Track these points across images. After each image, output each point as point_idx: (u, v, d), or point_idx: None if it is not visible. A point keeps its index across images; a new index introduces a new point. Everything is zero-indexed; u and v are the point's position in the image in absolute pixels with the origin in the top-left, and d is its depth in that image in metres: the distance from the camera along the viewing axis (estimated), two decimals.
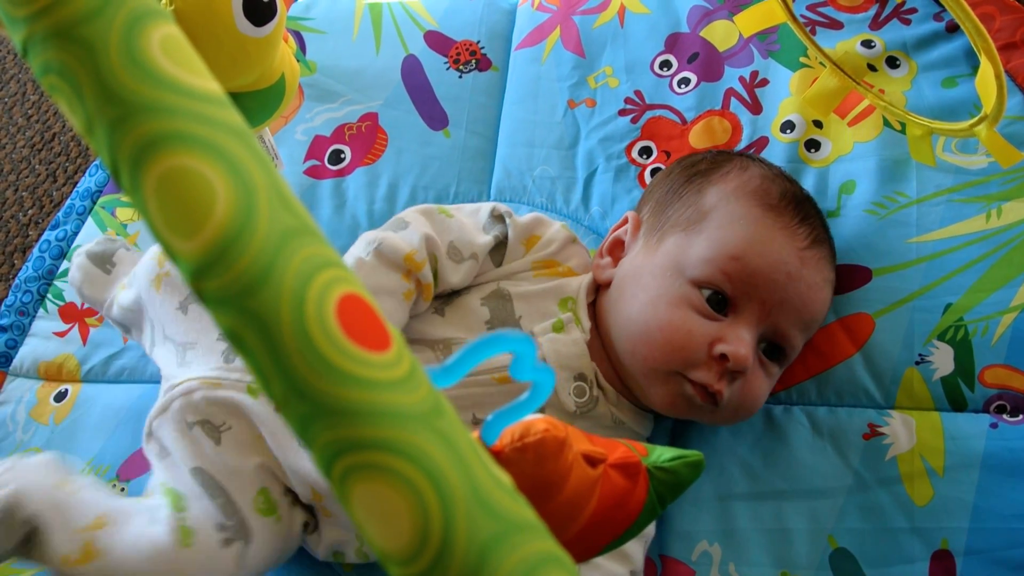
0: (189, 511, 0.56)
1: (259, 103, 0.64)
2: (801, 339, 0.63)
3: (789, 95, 0.81)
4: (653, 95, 0.86)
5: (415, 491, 0.21)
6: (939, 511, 0.61)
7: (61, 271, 0.89)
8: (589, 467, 0.36)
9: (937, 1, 0.82)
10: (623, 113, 0.86)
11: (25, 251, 1.06)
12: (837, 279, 0.68)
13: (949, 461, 0.62)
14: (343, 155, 0.88)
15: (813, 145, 0.78)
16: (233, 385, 0.60)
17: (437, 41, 0.95)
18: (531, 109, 0.89)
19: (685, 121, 0.84)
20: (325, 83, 0.93)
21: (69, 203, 0.93)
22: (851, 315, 0.69)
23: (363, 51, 0.95)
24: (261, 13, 0.56)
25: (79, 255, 0.79)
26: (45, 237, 0.91)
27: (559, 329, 0.64)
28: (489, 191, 0.86)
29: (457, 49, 0.94)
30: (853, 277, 0.70)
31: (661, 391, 0.61)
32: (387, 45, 0.95)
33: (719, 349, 0.58)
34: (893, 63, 0.81)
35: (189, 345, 0.65)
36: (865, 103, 0.79)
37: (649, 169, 0.82)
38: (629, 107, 0.86)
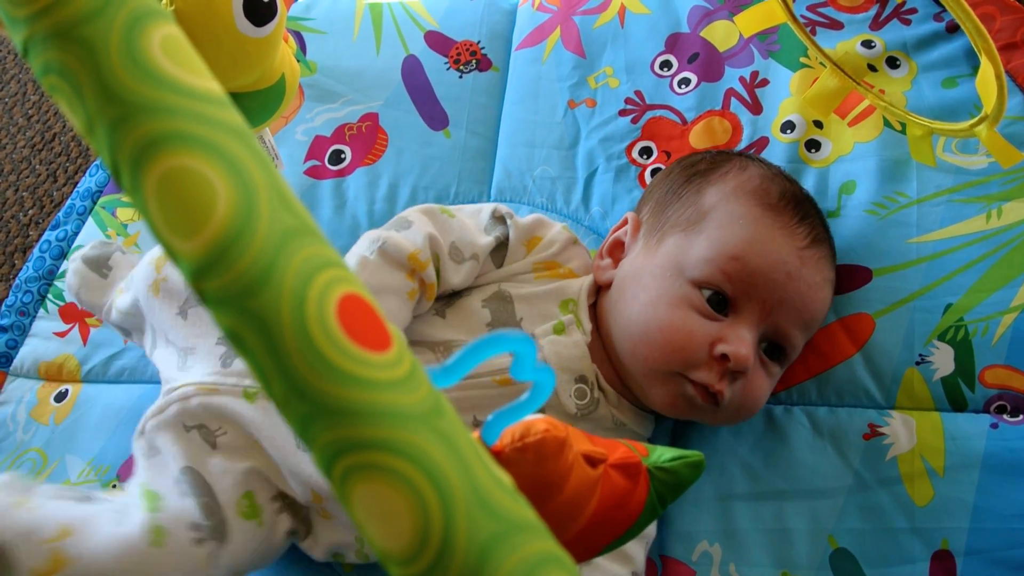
0: (163, 511, 0.55)
1: (259, 103, 0.64)
2: (802, 339, 0.63)
3: (789, 95, 0.81)
4: (653, 95, 0.86)
5: (415, 491, 0.21)
6: (939, 511, 0.61)
7: (62, 271, 0.89)
8: (589, 467, 0.36)
9: (937, 1, 0.82)
10: (623, 113, 0.86)
11: (26, 251, 1.06)
12: (837, 279, 0.68)
13: (949, 461, 0.62)
14: (343, 155, 0.88)
15: (813, 145, 0.78)
16: (229, 390, 0.60)
17: (437, 41, 0.95)
18: (531, 109, 0.89)
19: (685, 121, 0.84)
20: (325, 83, 0.93)
21: (69, 203, 0.93)
22: (851, 315, 0.69)
23: (363, 51, 0.95)
24: (261, 13, 0.57)
25: (75, 260, 0.79)
26: (45, 237, 0.91)
27: (560, 331, 0.64)
28: (489, 191, 0.86)
29: (457, 49, 0.94)
30: (853, 277, 0.70)
31: (662, 392, 0.61)
32: (387, 45, 0.95)
33: (720, 349, 0.58)
34: (893, 63, 0.81)
35: (189, 350, 0.65)
36: (865, 103, 0.79)
37: (649, 169, 0.82)
38: (629, 107, 0.86)
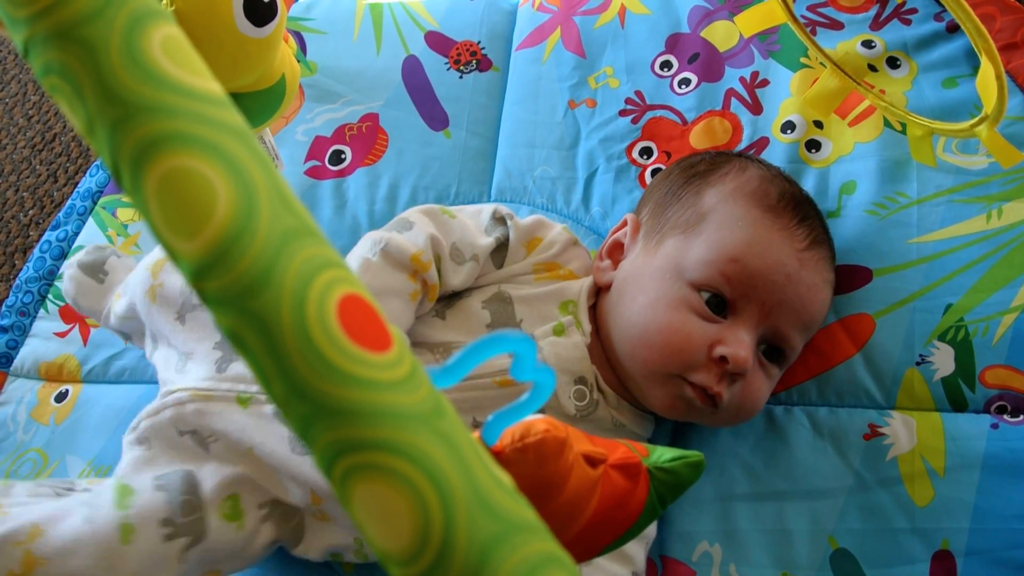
0: (132, 507, 0.54)
1: (260, 103, 0.64)
2: (801, 340, 0.63)
3: (790, 95, 0.81)
4: (654, 95, 0.86)
5: (416, 491, 0.21)
6: (940, 512, 0.61)
7: (62, 272, 0.89)
8: (590, 467, 0.36)
9: (938, 1, 0.82)
10: (624, 113, 0.86)
11: (26, 251, 1.06)
12: (838, 279, 0.67)
13: (950, 462, 0.62)
14: (344, 155, 0.88)
15: (814, 145, 0.78)
16: (223, 396, 0.60)
17: (438, 41, 0.95)
18: (532, 109, 0.89)
19: (686, 121, 0.84)
20: (326, 83, 0.93)
21: (70, 203, 0.93)
22: (852, 315, 0.69)
23: (364, 52, 0.95)
24: (262, 13, 0.57)
25: (70, 267, 0.79)
26: (46, 237, 0.91)
27: (560, 332, 0.64)
28: (490, 191, 0.86)
29: (458, 49, 0.94)
30: (854, 277, 0.70)
31: (661, 393, 0.61)
32: (388, 45, 0.95)
33: (719, 351, 0.58)
34: (894, 63, 0.81)
35: (188, 354, 0.64)
36: (866, 103, 0.79)
37: (650, 169, 0.82)
38: (630, 107, 0.86)
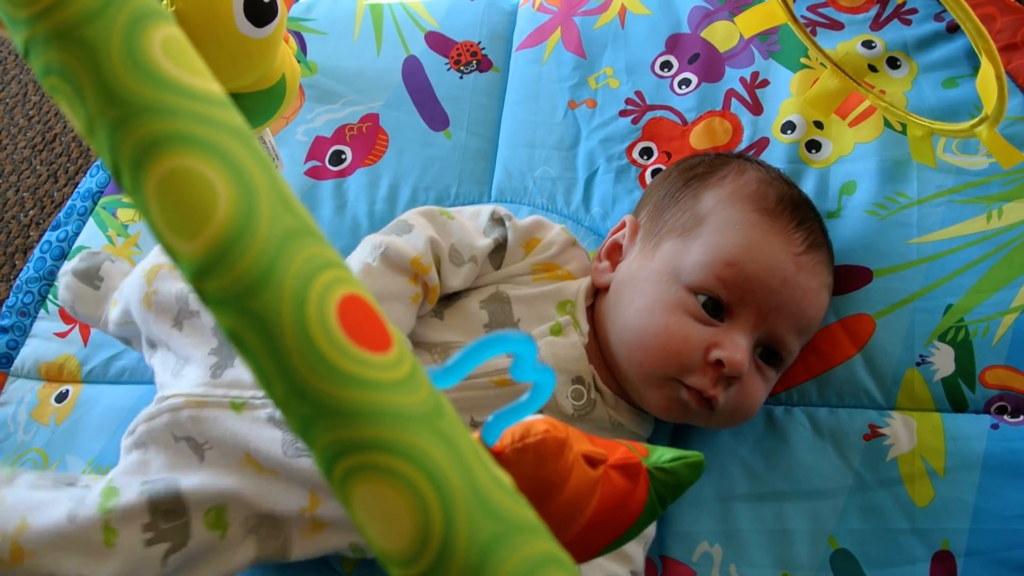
0: (116, 511, 0.55)
1: (260, 104, 0.64)
2: (798, 344, 0.63)
3: (790, 96, 0.81)
4: (654, 96, 0.86)
5: (416, 492, 0.21)
6: (940, 512, 0.61)
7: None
8: (590, 468, 0.36)
9: (938, 1, 0.82)
10: (624, 114, 0.86)
11: (26, 252, 1.06)
12: (838, 280, 0.67)
13: (950, 462, 0.62)
14: (344, 156, 0.88)
15: (814, 146, 0.78)
16: (218, 402, 0.59)
17: (438, 42, 0.95)
18: (532, 110, 0.89)
19: (686, 122, 0.84)
20: (326, 84, 0.93)
21: (70, 204, 0.93)
22: (852, 316, 0.69)
23: (364, 52, 0.95)
24: (262, 14, 0.57)
25: (65, 275, 0.79)
26: (46, 238, 0.91)
27: (557, 332, 0.64)
28: (490, 192, 0.86)
29: (458, 50, 0.94)
30: (854, 278, 0.70)
31: (657, 396, 0.61)
32: (388, 46, 0.95)
33: (715, 355, 0.58)
34: (894, 64, 0.81)
35: (185, 359, 0.64)
36: (866, 104, 0.79)
37: (650, 170, 0.82)
38: (630, 108, 0.86)
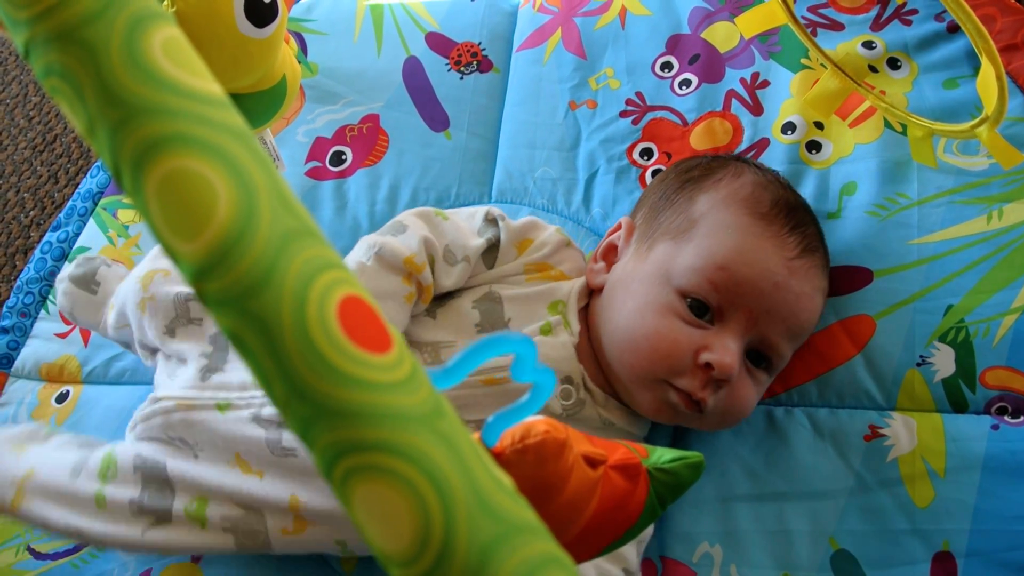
0: (110, 481, 0.60)
1: (260, 104, 0.64)
2: (789, 348, 0.63)
3: (790, 96, 0.81)
4: (654, 96, 0.86)
5: (416, 493, 0.21)
6: (940, 513, 0.61)
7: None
8: (589, 468, 0.36)
9: (939, 1, 0.81)
10: (624, 114, 0.86)
11: (27, 252, 1.06)
12: (838, 280, 0.67)
13: (950, 463, 0.62)
14: (344, 156, 0.88)
15: (814, 146, 0.78)
16: (204, 404, 0.60)
17: (438, 42, 0.95)
18: (532, 111, 0.89)
19: (686, 122, 0.84)
20: (326, 84, 0.93)
21: (71, 204, 0.93)
22: (852, 316, 0.69)
23: (364, 52, 0.95)
24: (262, 14, 0.57)
25: (62, 282, 0.79)
26: (47, 238, 0.91)
27: (547, 332, 0.64)
28: (490, 192, 0.86)
29: (458, 50, 0.94)
30: (854, 278, 0.70)
31: (647, 397, 0.61)
32: (388, 46, 0.95)
33: (704, 358, 0.58)
34: (894, 64, 0.81)
35: (181, 361, 0.66)
36: (866, 104, 0.79)
37: (650, 171, 0.82)
38: (630, 108, 0.86)
